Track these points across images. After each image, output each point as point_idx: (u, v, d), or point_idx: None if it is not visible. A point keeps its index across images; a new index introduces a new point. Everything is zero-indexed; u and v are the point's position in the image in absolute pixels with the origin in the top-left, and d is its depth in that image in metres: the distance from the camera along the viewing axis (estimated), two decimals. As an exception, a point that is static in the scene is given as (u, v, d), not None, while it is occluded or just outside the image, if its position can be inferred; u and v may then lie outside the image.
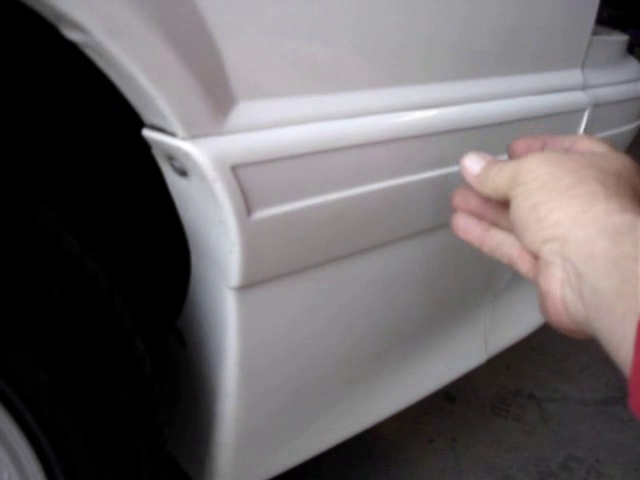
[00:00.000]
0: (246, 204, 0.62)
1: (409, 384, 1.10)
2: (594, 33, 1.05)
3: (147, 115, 0.59)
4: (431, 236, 0.92)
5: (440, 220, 0.88)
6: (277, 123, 0.63)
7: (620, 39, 1.18)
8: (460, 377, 1.22)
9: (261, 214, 0.64)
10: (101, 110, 0.79)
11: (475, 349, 1.23)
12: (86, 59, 0.55)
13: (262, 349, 0.79)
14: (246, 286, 0.69)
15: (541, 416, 1.77)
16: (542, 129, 0.99)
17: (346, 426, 1.03)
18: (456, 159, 0.84)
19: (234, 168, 0.59)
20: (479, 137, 0.88)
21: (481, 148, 0.87)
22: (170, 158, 0.61)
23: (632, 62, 1.27)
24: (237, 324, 0.72)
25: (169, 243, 0.79)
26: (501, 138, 0.90)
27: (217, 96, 0.58)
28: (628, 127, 1.23)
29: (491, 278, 1.16)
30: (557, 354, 2.04)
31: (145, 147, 0.64)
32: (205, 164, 0.58)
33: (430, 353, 1.12)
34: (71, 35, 0.52)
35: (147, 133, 0.60)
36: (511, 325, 1.33)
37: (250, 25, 0.59)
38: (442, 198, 0.85)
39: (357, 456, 1.52)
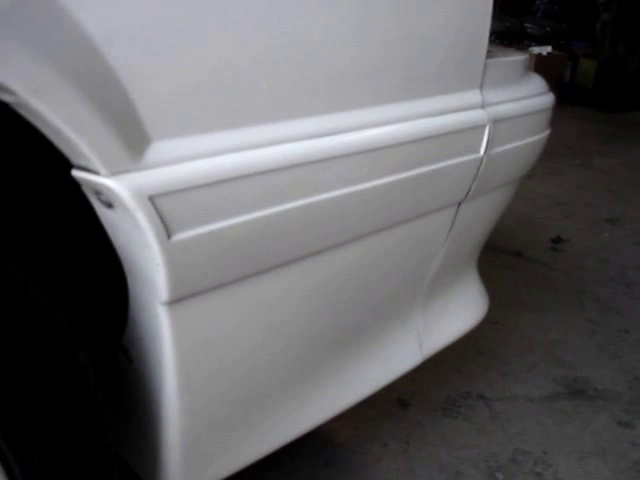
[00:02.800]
0: (166, 228, 0.72)
1: (346, 387, 1.21)
2: (490, 56, 1.17)
3: (74, 158, 0.70)
4: (353, 246, 1.03)
5: (352, 234, 0.99)
6: (189, 157, 0.74)
7: (517, 58, 1.30)
8: (396, 379, 1.32)
9: (180, 236, 0.74)
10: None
11: (409, 351, 1.33)
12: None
13: (199, 357, 0.89)
14: (176, 300, 0.80)
15: (490, 415, 1.87)
16: (448, 145, 1.10)
17: (290, 428, 1.13)
18: (364, 177, 0.95)
19: (152, 198, 0.70)
20: (388, 156, 0.99)
21: (393, 165, 0.99)
22: (97, 193, 0.71)
23: (533, 78, 1.39)
24: (171, 335, 0.83)
25: (109, 269, 0.89)
26: (410, 156, 1.02)
27: (133, 138, 0.69)
28: (534, 138, 1.35)
29: (416, 281, 1.27)
30: (505, 356, 2.15)
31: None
32: (125, 196, 0.68)
33: (364, 357, 1.23)
34: (3, 97, 0.63)
35: (75, 173, 0.71)
36: (446, 325, 1.44)
37: (159, 77, 0.70)
38: (351, 214, 0.96)
39: (315, 463, 1.62)
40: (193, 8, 0.72)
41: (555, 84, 5.98)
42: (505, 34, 6.39)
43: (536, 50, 6.12)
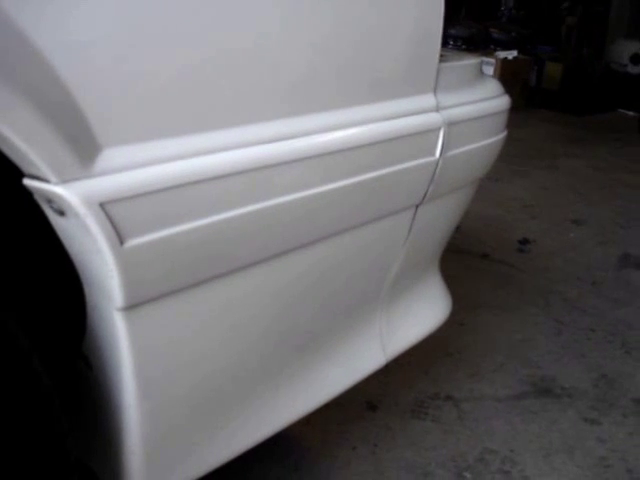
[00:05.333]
0: (118, 234, 0.73)
1: (310, 390, 1.22)
2: (444, 60, 1.19)
3: (24, 166, 0.70)
4: (310, 249, 1.04)
5: (309, 237, 1.00)
6: (140, 163, 0.75)
7: (471, 62, 1.31)
8: (360, 381, 1.33)
9: (133, 242, 0.75)
10: None
11: (373, 353, 1.35)
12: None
13: (158, 362, 0.90)
14: (131, 306, 0.81)
15: (458, 415, 1.89)
16: (403, 148, 1.12)
17: (253, 431, 1.14)
18: (320, 181, 0.97)
19: (103, 205, 0.71)
20: (343, 160, 1.01)
21: (348, 169, 1.00)
22: (49, 201, 0.72)
23: (488, 81, 1.41)
24: (129, 341, 0.83)
25: (66, 276, 0.90)
26: (365, 159, 1.04)
27: (82, 146, 0.70)
28: (490, 140, 1.37)
29: (377, 283, 1.28)
30: (473, 357, 2.18)
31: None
32: (76, 203, 0.69)
33: (327, 360, 1.24)
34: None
35: (27, 182, 0.72)
36: (409, 327, 1.46)
37: (109, 84, 0.71)
38: (307, 218, 0.97)
39: (284, 467, 1.62)
40: (142, 13, 0.73)
41: (521, 88, 6.05)
42: (471, 39, 6.46)
43: (502, 55, 6.19)
